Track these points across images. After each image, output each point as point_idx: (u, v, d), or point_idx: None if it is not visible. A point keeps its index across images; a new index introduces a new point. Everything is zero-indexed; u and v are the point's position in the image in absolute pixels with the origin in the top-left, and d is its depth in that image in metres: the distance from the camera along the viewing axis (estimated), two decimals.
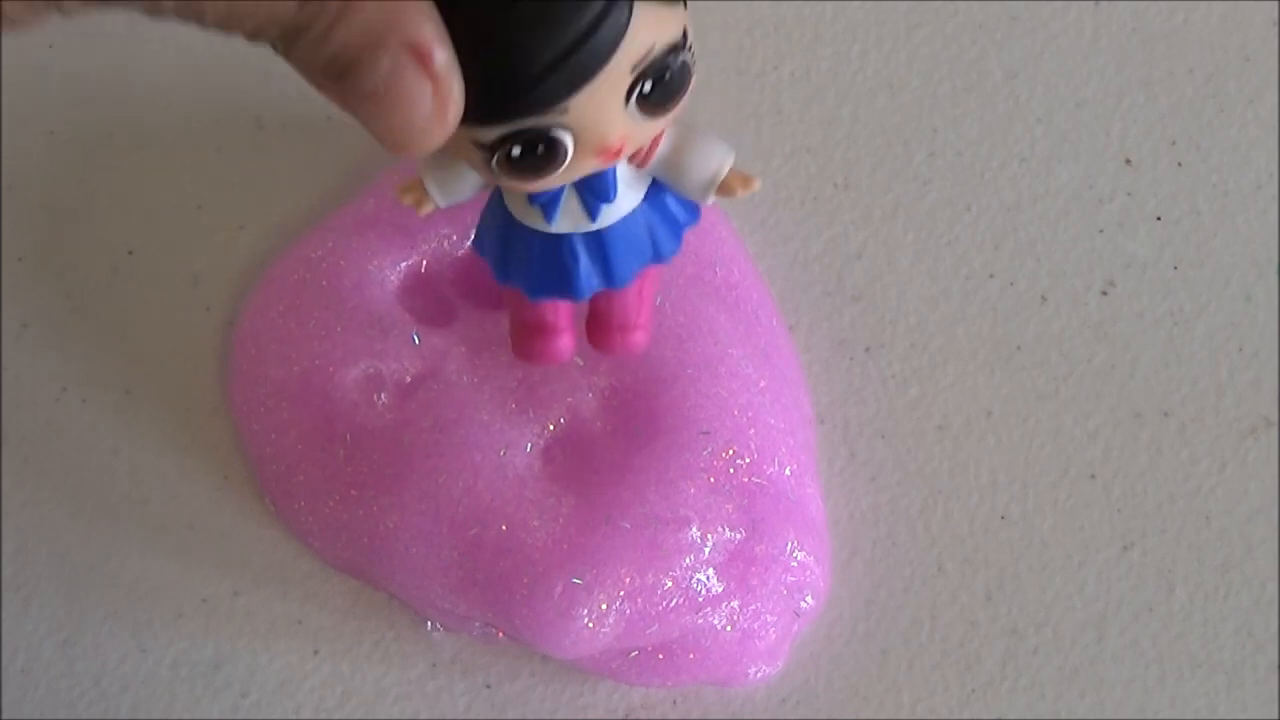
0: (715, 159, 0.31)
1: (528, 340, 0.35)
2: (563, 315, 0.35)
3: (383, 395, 0.38)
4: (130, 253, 0.42)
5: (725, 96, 0.43)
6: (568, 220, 0.31)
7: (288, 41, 0.24)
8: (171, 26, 0.43)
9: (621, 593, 0.36)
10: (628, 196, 0.31)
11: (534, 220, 0.31)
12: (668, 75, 0.28)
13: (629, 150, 0.29)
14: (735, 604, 0.37)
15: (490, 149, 0.27)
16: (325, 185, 0.42)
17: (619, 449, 0.38)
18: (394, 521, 0.37)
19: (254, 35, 0.24)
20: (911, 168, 0.43)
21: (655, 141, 0.30)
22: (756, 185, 0.31)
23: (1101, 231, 0.42)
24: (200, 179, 0.43)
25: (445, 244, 0.40)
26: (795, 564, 0.38)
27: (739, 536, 0.37)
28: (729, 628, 0.38)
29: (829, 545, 0.39)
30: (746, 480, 0.37)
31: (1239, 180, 0.42)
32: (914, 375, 0.41)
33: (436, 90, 0.25)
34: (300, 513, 0.39)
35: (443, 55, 0.25)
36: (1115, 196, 0.42)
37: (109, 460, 0.41)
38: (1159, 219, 0.42)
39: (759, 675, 0.39)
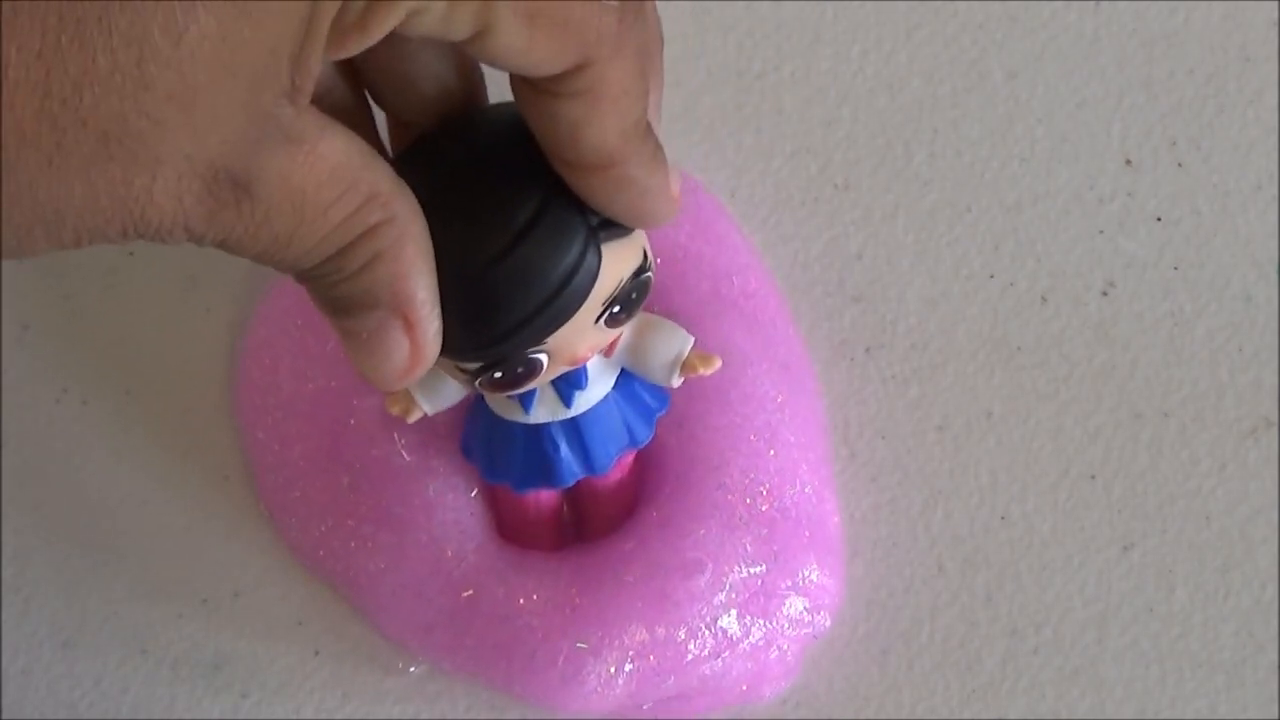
0: (675, 343, 0.33)
1: (517, 540, 0.38)
2: (548, 519, 0.38)
3: (402, 437, 0.37)
4: (130, 254, 0.42)
5: (725, 96, 0.43)
6: (545, 410, 0.33)
7: (302, 278, 0.27)
8: None
9: (632, 652, 0.35)
10: (599, 383, 0.33)
11: (513, 414, 0.33)
12: (633, 296, 0.30)
13: (596, 351, 0.31)
14: (755, 638, 0.37)
15: (474, 373, 0.30)
16: None
17: (624, 500, 0.37)
18: (384, 564, 0.37)
19: (283, 271, 0.27)
20: (911, 168, 0.43)
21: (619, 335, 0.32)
22: (718, 363, 0.33)
23: (1101, 232, 0.42)
24: None
25: None
26: (813, 587, 0.37)
27: (760, 571, 0.37)
28: (749, 664, 0.37)
29: (843, 552, 0.39)
30: (767, 509, 0.37)
31: (1239, 180, 0.42)
32: (914, 375, 0.41)
33: (414, 351, 0.27)
34: (292, 528, 0.39)
35: (429, 328, 0.27)
36: (1115, 196, 0.42)
37: (109, 461, 0.41)
38: (1159, 219, 0.42)
39: (772, 693, 0.38)
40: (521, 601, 0.36)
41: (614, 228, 0.28)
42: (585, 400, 0.33)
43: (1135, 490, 0.40)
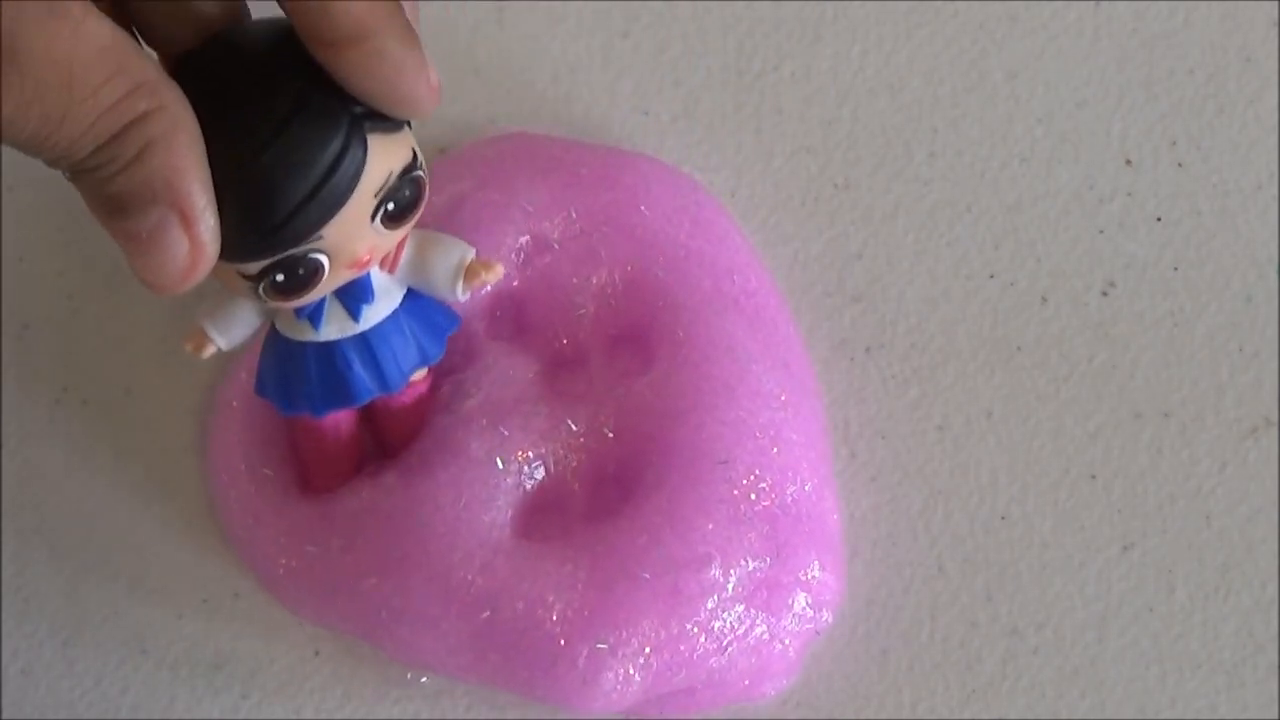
0: (455, 254, 0.34)
1: (321, 476, 0.38)
2: (348, 446, 0.38)
3: (388, 476, 0.37)
4: None
5: (725, 96, 0.43)
6: (334, 326, 0.34)
7: (75, 174, 0.28)
8: None
9: (647, 648, 0.36)
10: (385, 299, 0.34)
11: (304, 333, 0.34)
12: (406, 193, 0.31)
13: (378, 258, 0.32)
14: (760, 631, 0.37)
15: (256, 278, 0.31)
16: None
17: (631, 493, 0.37)
18: (397, 606, 0.36)
19: (50, 164, 0.28)
20: (911, 168, 0.43)
21: (400, 246, 0.34)
22: (500, 270, 0.34)
23: (1101, 232, 0.42)
24: None
25: None
26: (815, 583, 0.37)
27: (764, 565, 0.37)
28: (753, 658, 0.37)
29: (843, 550, 0.39)
30: (768, 505, 0.37)
31: (1239, 180, 0.42)
32: (914, 375, 0.41)
33: (193, 248, 0.28)
34: (291, 598, 0.38)
35: (207, 223, 0.28)
36: (1115, 196, 0.42)
37: (109, 461, 0.41)
38: (1159, 219, 0.42)
39: (774, 690, 0.38)
40: (540, 612, 0.36)
41: (379, 120, 0.30)
42: (373, 314, 0.34)
43: (1135, 490, 0.40)
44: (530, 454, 0.37)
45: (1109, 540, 0.40)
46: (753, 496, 0.37)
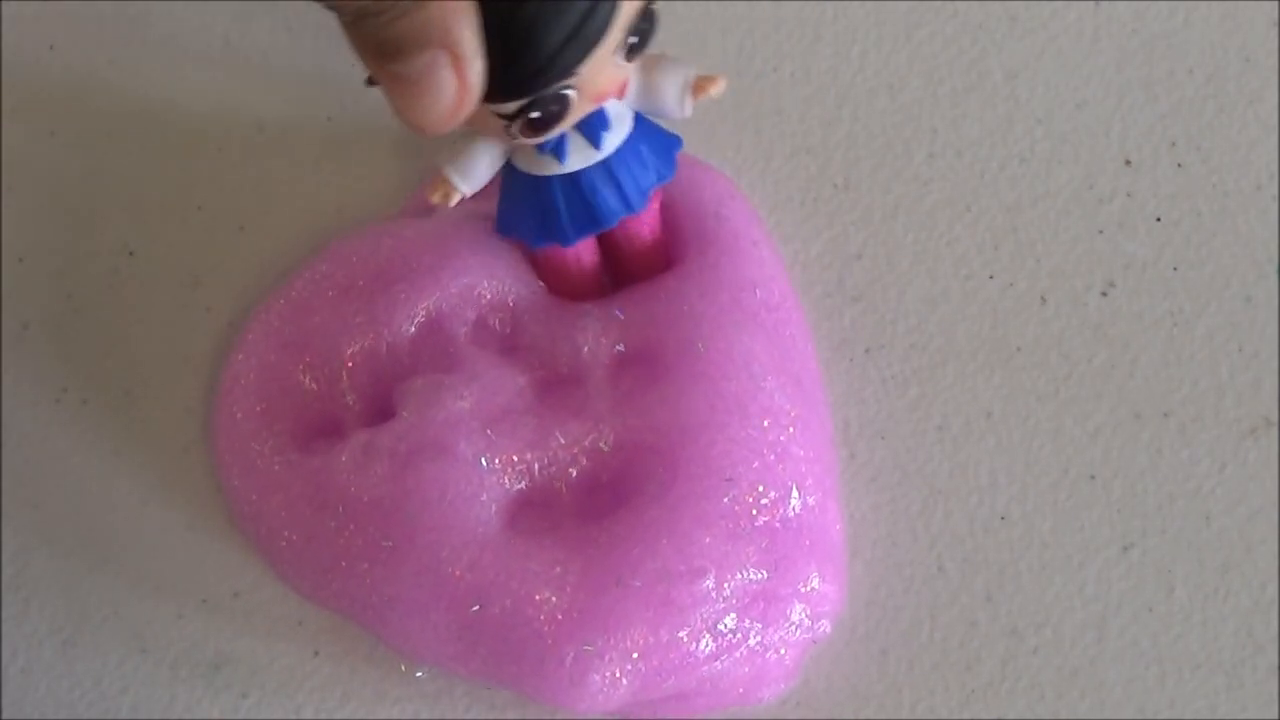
0: (680, 72, 0.36)
1: (575, 293, 0.40)
2: (591, 275, 0.40)
3: (378, 465, 0.37)
4: (130, 253, 0.42)
5: (725, 96, 0.43)
6: (578, 156, 0.36)
7: (355, 19, 0.30)
8: (172, 26, 0.43)
9: (636, 654, 0.36)
10: (620, 124, 0.36)
11: (549, 167, 0.36)
12: (645, 26, 0.33)
13: (616, 89, 0.34)
14: (754, 641, 0.37)
15: (511, 117, 0.33)
16: (324, 186, 0.42)
17: (631, 503, 0.37)
18: (388, 594, 0.36)
19: (334, 9, 0.30)
20: (911, 168, 0.43)
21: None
22: (723, 82, 0.36)
23: (1101, 232, 0.42)
24: (200, 179, 0.43)
25: (454, 286, 0.39)
26: (814, 594, 0.37)
27: (761, 578, 0.37)
28: (747, 666, 0.37)
29: (845, 560, 0.39)
30: (769, 520, 0.37)
31: (1239, 180, 0.42)
32: (914, 376, 0.41)
33: (461, 89, 0.30)
34: (286, 574, 0.39)
35: (476, 66, 0.30)
36: (1115, 197, 0.42)
37: (109, 461, 0.41)
38: (1159, 219, 0.42)
39: (771, 696, 0.38)
40: (529, 610, 0.36)
41: None
42: (612, 140, 0.36)
43: (1135, 490, 0.40)
44: (517, 458, 0.37)
45: (1109, 540, 0.40)
46: (754, 512, 0.36)
